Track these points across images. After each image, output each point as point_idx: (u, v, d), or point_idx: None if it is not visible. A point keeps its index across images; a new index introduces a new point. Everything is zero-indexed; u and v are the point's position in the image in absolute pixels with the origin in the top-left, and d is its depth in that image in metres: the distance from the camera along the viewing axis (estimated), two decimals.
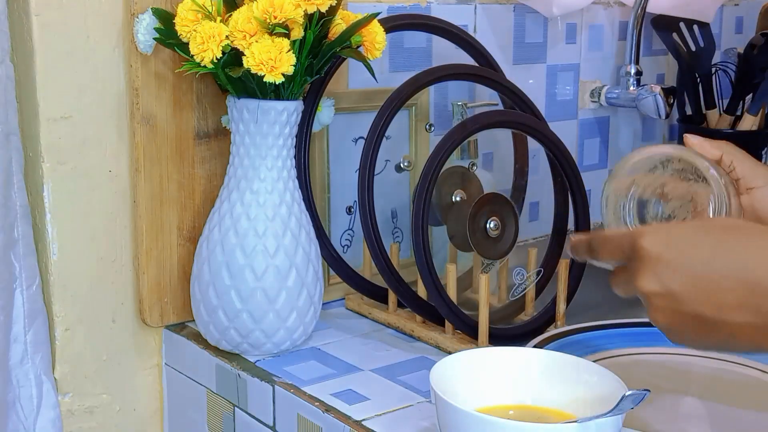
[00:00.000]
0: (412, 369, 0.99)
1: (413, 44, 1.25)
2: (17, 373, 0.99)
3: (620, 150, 1.57)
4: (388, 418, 0.87)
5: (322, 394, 0.92)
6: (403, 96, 1.05)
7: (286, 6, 0.89)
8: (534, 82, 1.41)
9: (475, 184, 1.13)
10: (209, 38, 0.90)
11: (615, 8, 1.50)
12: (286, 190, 0.99)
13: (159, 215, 1.05)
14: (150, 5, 0.98)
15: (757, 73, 1.49)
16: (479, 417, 0.70)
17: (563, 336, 0.98)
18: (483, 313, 1.00)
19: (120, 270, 1.06)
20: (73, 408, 1.05)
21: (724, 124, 1.52)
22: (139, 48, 0.99)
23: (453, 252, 1.12)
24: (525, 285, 1.07)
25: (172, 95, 1.03)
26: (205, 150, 1.07)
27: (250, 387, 0.97)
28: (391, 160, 1.20)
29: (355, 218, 1.20)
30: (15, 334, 0.99)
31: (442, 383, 0.74)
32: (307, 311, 1.00)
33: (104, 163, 1.02)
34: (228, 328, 0.99)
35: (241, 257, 0.97)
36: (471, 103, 1.24)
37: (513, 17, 1.36)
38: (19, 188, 0.98)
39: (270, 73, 0.90)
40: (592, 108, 1.50)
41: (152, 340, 1.10)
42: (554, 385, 0.78)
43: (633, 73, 1.42)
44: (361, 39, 0.98)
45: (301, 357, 1.01)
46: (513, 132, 1.19)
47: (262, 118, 0.96)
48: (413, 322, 1.08)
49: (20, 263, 0.98)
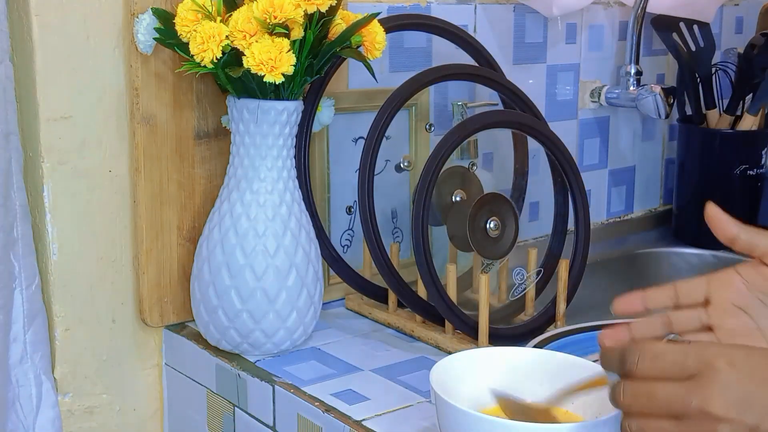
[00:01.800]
0: (412, 369, 0.99)
1: (413, 44, 1.25)
2: (17, 373, 0.99)
3: (620, 150, 1.57)
4: (388, 418, 0.87)
5: (322, 394, 0.92)
6: (403, 96, 1.05)
7: (286, 6, 0.89)
8: (534, 82, 1.41)
9: (475, 184, 1.13)
10: (209, 38, 0.90)
11: (615, 8, 1.50)
12: (286, 190, 0.99)
13: (159, 215, 1.05)
14: (150, 5, 0.98)
15: (757, 73, 1.49)
16: (479, 417, 0.70)
17: (563, 336, 0.98)
18: (483, 313, 1.00)
19: (120, 270, 1.06)
20: (73, 408, 1.05)
21: (724, 124, 1.52)
22: (139, 48, 0.99)
23: (453, 252, 1.12)
24: (525, 285, 1.07)
25: (172, 95, 1.03)
26: (205, 150, 1.07)
27: (250, 387, 0.97)
28: (391, 160, 1.20)
29: (355, 218, 1.20)
30: (14, 333, 0.99)
31: (442, 383, 0.74)
32: (307, 311, 1.00)
33: (104, 163, 1.02)
34: (228, 328, 0.99)
35: (241, 257, 0.97)
36: (471, 103, 1.24)
37: (513, 17, 1.36)
38: (19, 188, 0.98)
39: (270, 73, 0.90)
40: (592, 108, 1.50)
41: (152, 340, 1.10)
42: (554, 385, 0.78)
43: (633, 73, 1.42)
44: (361, 39, 0.98)
45: (301, 357, 1.01)
46: (513, 132, 1.19)
47: (262, 118, 0.96)
48: (413, 322, 1.08)
49: (20, 263, 0.98)
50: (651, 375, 0.62)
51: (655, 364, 0.62)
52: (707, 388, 0.59)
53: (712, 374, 0.60)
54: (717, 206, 0.77)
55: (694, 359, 0.61)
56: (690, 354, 0.61)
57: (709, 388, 0.59)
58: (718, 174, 1.49)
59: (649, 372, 0.62)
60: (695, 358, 0.61)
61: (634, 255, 1.52)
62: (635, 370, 0.62)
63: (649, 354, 0.62)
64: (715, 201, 0.78)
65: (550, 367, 0.79)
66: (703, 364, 0.60)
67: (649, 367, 0.62)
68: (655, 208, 1.66)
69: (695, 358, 0.61)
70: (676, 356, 0.61)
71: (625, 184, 1.60)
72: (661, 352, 0.62)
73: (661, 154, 1.65)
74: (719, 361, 0.60)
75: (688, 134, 1.53)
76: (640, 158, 1.61)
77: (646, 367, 0.62)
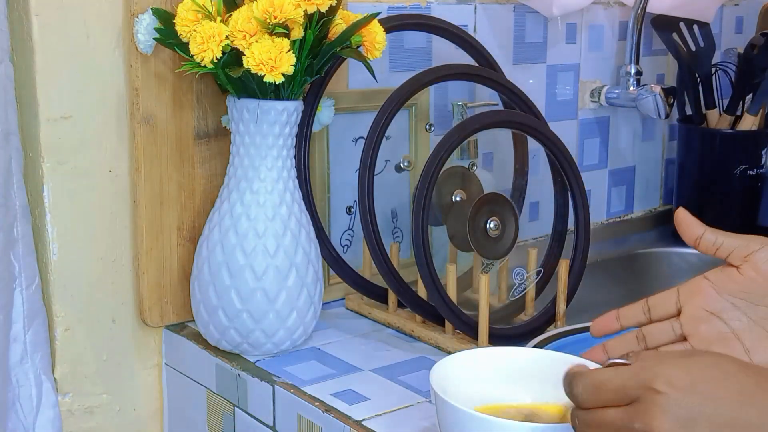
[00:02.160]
0: (412, 369, 0.99)
1: (413, 44, 1.25)
2: (17, 373, 0.99)
3: (620, 150, 1.57)
4: (388, 418, 0.87)
5: (322, 394, 0.92)
6: (403, 96, 1.05)
7: (286, 6, 0.89)
8: (534, 82, 1.41)
9: (475, 184, 1.13)
10: (209, 38, 0.90)
11: (615, 8, 1.50)
12: (286, 190, 0.99)
13: (159, 215, 1.05)
14: (150, 5, 0.98)
15: (757, 73, 1.49)
16: (479, 417, 0.70)
17: (563, 336, 0.97)
18: (483, 313, 1.00)
19: (120, 270, 1.06)
20: (73, 408, 1.05)
21: (724, 124, 1.52)
22: (139, 48, 0.99)
23: (453, 252, 1.12)
24: (525, 285, 1.07)
25: (172, 95, 1.03)
26: (205, 150, 1.07)
27: (250, 387, 0.97)
28: (391, 160, 1.20)
29: (355, 218, 1.20)
30: (14, 333, 0.99)
31: (442, 383, 0.74)
32: (307, 311, 1.00)
33: (104, 163, 1.02)
34: (228, 328, 0.99)
35: (241, 257, 0.97)
36: (471, 103, 1.24)
37: (513, 17, 1.36)
38: (19, 188, 0.98)
39: (270, 73, 0.90)
40: (592, 108, 1.50)
41: (152, 340, 1.10)
42: (554, 385, 0.78)
43: (633, 73, 1.42)
44: (361, 39, 0.98)
45: (301, 357, 1.01)
46: (513, 132, 1.19)
47: (262, 118, 0.96)
48: (413, 322, 1.08)
49: (20, 263, 0.98)
50: (597, 404, 0.62)
51: (598, 395, 0.62)
52: (649, 411, 0.59)
53: (652, 397, 0.60)
54: (687, 210, 0.78)
55: (634, 384, 0.61)
56: (629, 379, 0.61)
57: (650, 411, 0.59)
58: (718, 174, 1.49)
59: (594, 402, 0.63)
60: (634, 382, 0.61)
61: (634, 255, 1.52)
62: (581, 401, 0.63)
63: (591, 385, 0.63)
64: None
65: (550, 367, 0.79)
66: (642, 388, 0.60)
67: (594, 399, 0.63)
68: (655, 208, 1.66)
69: (634, 382, 0.61)
70: (616, 383, 0.62)
71: (625, 184, 1.60)
72: (602, 381, 0.62)
73: (661, 154, 1.65)
74: (657, 383, 0.60)
75: (688, 134, 1.53)
76: (640, 158, 1.61)
77: (591, 398, 0.63)
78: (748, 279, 0.75)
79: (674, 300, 0.78)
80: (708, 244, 0.77)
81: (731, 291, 0.75)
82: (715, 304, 0.76)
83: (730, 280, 0.75)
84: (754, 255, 0.74)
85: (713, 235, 0.77)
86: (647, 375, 0.61)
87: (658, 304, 0.78)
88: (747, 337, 0.74)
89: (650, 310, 0.78)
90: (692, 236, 0.77)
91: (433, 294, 1.00)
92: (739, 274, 0.75)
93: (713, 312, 0.75)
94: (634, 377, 0.61)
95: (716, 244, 0.76)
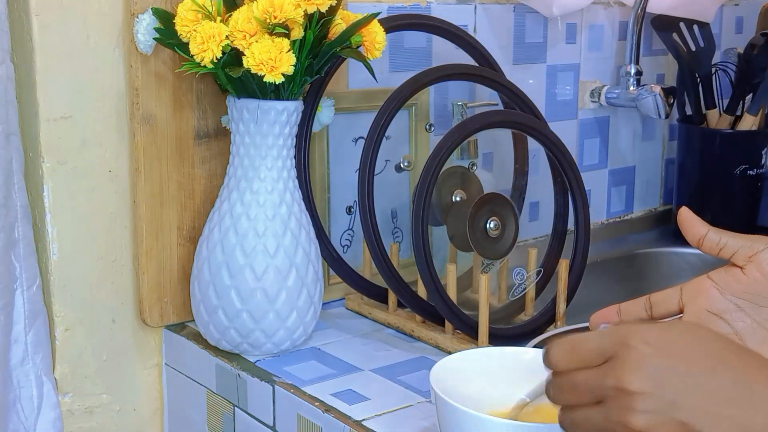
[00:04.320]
0: (412, 369, 0.99)
1: (413, 44, 1.25)
2: (18, 374, 0.99)
3: (620, 150, 1.57)
4: (388, 418, 0.87)
5: (322, 394, 0.92)
6: (403, 96, 1.05)
7: (286, 6, 0.89)
8: (534, 82, 1.41)
9: (475, 184, 1.13)
10: (209, 38, 0.90)
11: (615, 8, 1.50)
12: (286, 190, 0.99)
13: (159, 215, 1.05)
14: (150, 5, 0.98)
15: (757, 73, 1.49)
16: (479, 417, 0.70)
17: (563, 336, 0.97)
18: (483, 313, 1.00)
19: (120, 270, 1.06)
20: (73, 408, 1.05)
21: (724, 124, 1.52)
22: (139, 48, 0.99)
23: (453, 252, 1.12)
24: (525, 285, 1.07)
25: (172, 95, 1.03)
26: (205, 150, 1.07)
27: (250, 387, 0.97)
28: (391, 160, 1.20)
29: (355, 218, 1.20)
30: (16, 334, 0.99)
31: (442, 383, 0.74)
32: (307, 311, 1.00)
33: (104, 163, 1.03)
34: (228, 328, 0.99)
35: (241, 257, 0.97)
36: (471, 103, 1.24)
37: (513, 17, 1.36)
38: (20, 188, 0.98)
39: (270, 73, 0.90)
40: (592, 108, 1.50)
41: (152, 340, 1.10)
42: None
43: (633, 73, 1.42)
44: (361, 39, 0.98)
45: (301, 357, 1.01)
46: (513, 132, 1.19)
47: (262, 118, 0.96)
48: (413, 322, 1.08)
49: (21, 264, 0.98)
50: (572, 366, 0.62)
51: (573, 356, 0.62)
52: (621, 366, 0.59)
53: (626, 352, 0.59)
54: (690, 210, 0.77)
55: (610, 341, 0.60)
56: (606, 337, 0.61)
57: (622, 366, 0.59)
58: (718, 174, 1.49)
59: (569, 364, 0.62)
60: (611, 339, 0.61)
61: (634, 255, 1.52)
62: (555, 364, 0.63)
63: (567, 346, 0.62)
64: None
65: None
66: (618, 344, 0.60)
67: (568, 359, 0.62)
68: (655, 208, 1.66)
69: (611, 339, 0.61)
70: (592, 343, 0.61)
71: (625, 184, 1.60)
72: (578, 342, 0.62)
73: (661, 154, 1.65)
74: (633, 340, 0.60)
75: (688, 134, 1.53)
76: (640, 158, 1.61)
77: (566, 360, 0.62)
78: (752, 280, 0.74)
79: (677, 299, 0.77)
80: (711, 243, 0.76)
81: (735, 292, 0.74)
82: (718, 304, 0.75)
83: (734, 280, 0.74)
84: (758, 255, 0.74)
85: (717, 235, 0.76)
86: (623, 332, 0.61)
87: (660, 301, 0.78)
88: (750, 339, 0.74)
89: (652, 307, 0.78)
90: (695, 236, 0.77)
91: (433, 294, 1.00)
92: (743, 274, 0.74)
93: (716, 313, 0.75)
94: (610, 335, 0.61)
95: (720, 244, 0.75)
